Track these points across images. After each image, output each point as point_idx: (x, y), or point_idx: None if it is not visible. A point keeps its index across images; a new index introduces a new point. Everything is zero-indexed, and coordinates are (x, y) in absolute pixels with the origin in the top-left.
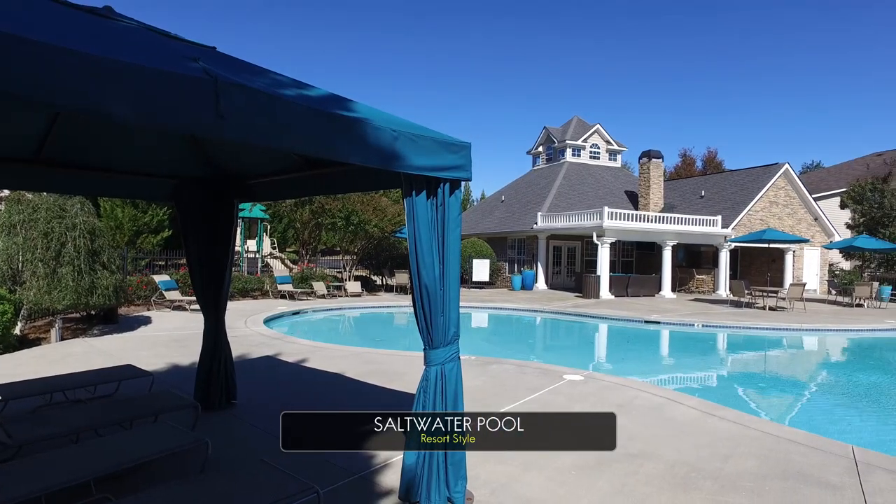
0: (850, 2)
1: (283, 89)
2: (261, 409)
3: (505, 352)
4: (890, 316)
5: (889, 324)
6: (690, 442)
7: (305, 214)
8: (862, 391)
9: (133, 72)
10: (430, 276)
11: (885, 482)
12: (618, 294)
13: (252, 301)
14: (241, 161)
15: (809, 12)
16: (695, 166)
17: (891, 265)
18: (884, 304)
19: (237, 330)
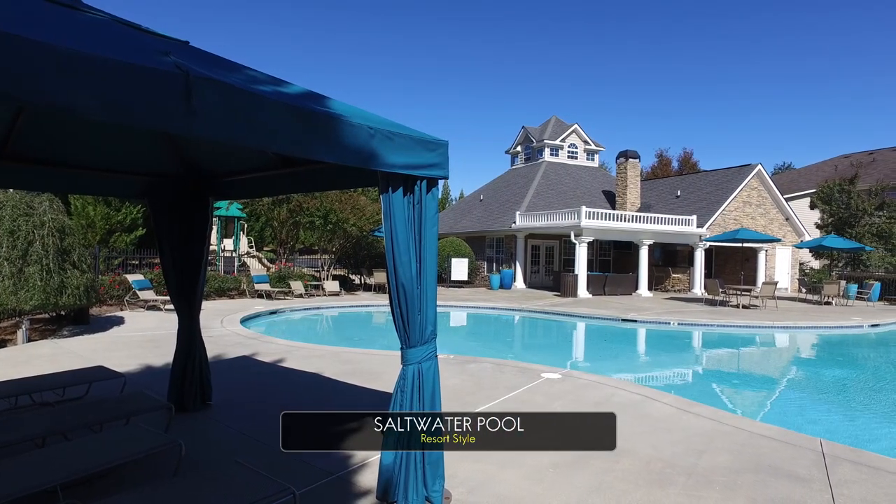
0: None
1: (258, 85)
2: (237, 409)
3: (483, 350)
4: (856, 313)
5: (855, 321)
6: (666, 438)
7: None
8: (830, 386)
9: (99, 65)
10: (407, 274)
11: (850, 474)
12: (595, 293)
13: (228, 301)
14: (216, 158)
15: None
16: (671, 167)
17: (857, 264)
18: (850, 301)
19: (213, 330)
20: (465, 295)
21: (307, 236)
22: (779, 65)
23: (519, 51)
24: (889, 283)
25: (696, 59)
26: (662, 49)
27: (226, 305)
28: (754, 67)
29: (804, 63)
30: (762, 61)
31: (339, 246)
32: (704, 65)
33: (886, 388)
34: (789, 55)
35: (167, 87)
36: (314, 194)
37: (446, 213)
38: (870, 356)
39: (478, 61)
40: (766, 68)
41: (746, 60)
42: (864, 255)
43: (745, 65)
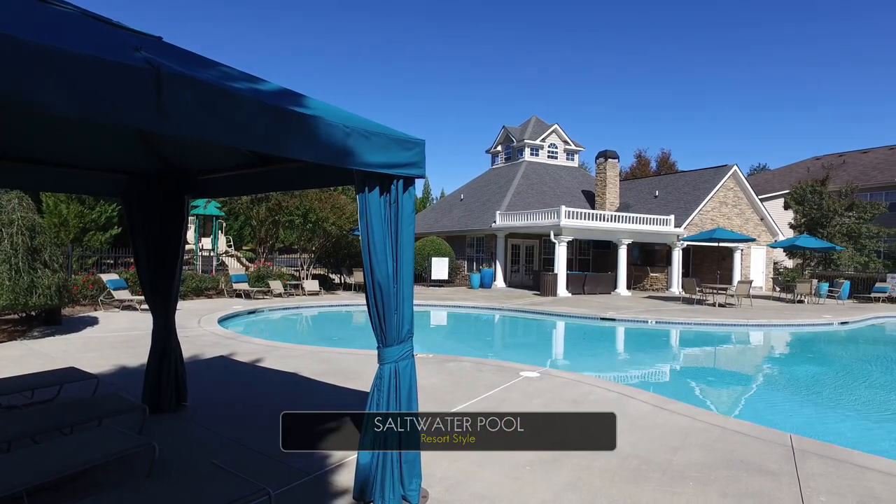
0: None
1: (232, 83)
2: (213, 410)
3: (463, 349)
4: (827, 311)
5: (826, 318)
6: (643, 435)
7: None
8: (801, 382)
9: (66, 59)
10: (384, 273)
11: (818, 467)
12: (575, 292)
13: (206, 300)
14: (191, 156)
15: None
16: (649, 167)
17: (828, 263)
18: (822, 299)
19: (190, 330)
20: (445, 294)
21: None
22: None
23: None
24: (858, 281)
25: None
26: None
27: (203, 305)
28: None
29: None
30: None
31: (319, 245)
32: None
33: (854, 384)
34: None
35: (137, 83)
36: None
37: (427, 213)
38: (839, 353)
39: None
40: (742, 71)
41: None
42: (835, 255)
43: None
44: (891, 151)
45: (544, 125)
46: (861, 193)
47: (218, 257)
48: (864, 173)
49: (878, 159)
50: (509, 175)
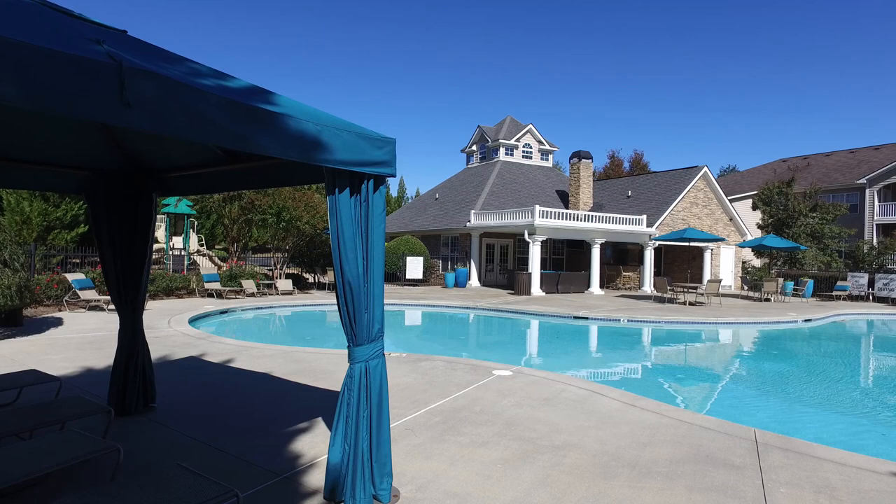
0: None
1: (200, 79)
2: (182, 411)
3: (437, 349)
4: (792, 309)
5: (790, 316)
6: (612, 432)
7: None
8: (767, 378)
9: (20, 49)
10: (354, 272)
11: (779, 460)
12: (549, 291)
13: (177, 300)
14: (159, 153)
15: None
16: (622, 167)
17: (793, 262)
18: (787, 298)
19: (159, 330)
20: (419, 293)
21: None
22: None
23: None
24: (821, 280)
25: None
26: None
27: (174, 305)
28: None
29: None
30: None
31: (293, 244)
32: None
33: (817, 379)
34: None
35: (97, 76)
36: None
37: (402, 212)
38: (803, 349)
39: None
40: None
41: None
42: (800, 254)
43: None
44: (851, 155)
45: (519, 125)
46: (824, 195)
47: (189, 256)
48: (826, 175)
49: (840, 162)
50: (484, 174)
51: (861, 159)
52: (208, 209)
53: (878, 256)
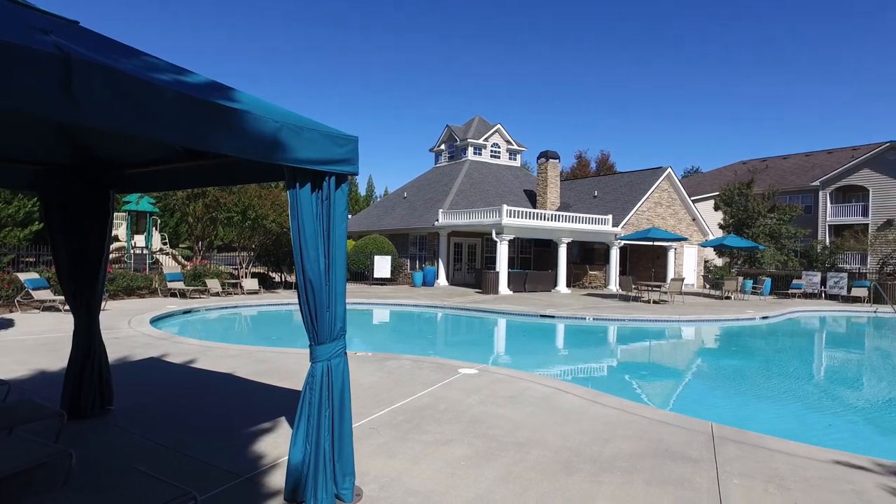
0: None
1: (155, 73)
2: (140, 413)
3: (403, 348)
4: (750, 307)
5: (749, 314)
6: (575, 428)
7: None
8: (725, 373)
9: None
10: (315, 270)
11: (734, 452)
12: (516, 290)
13: (138, 300)
14: (116, 148)
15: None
16: (589, 168)
17: (753, 262)
18: (746, 296)
19: (119, 331)
20: (387, 292)
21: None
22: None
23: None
24: (778, 278)
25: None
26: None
27: (135, 305)
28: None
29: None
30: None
31: (259, 243)
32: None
33: (773, 374)
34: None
35: (43, 68)
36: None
37: (370, 210)
38: (760, 345)
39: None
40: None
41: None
42: (759, 254)
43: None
44: (806, 158)
45: (487, 125)
46: (781, 196)
47: (152, 255)
48: (783, 177)
49: (796, 165)
50: (453, 174)
51: (815, 162)
52: (172, 207)
53: (829, 256)
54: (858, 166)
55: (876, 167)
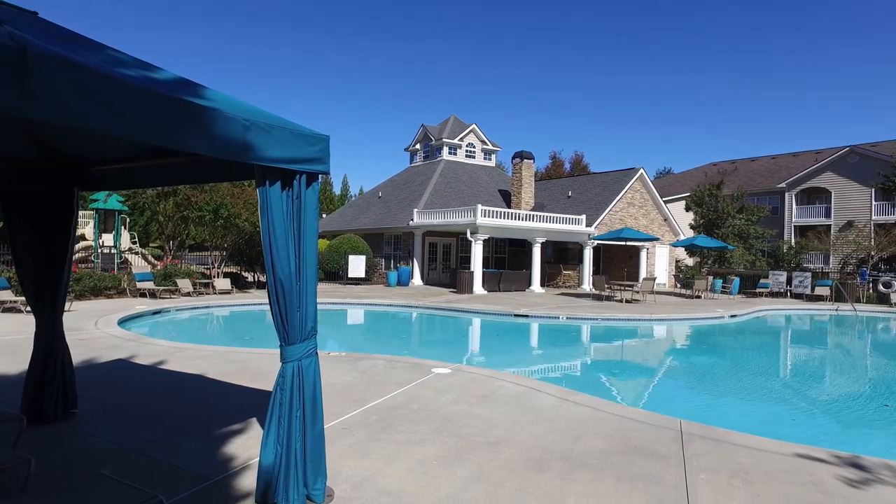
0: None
1: (121, 68)
2: (106, 416)
3: (377, 348)
4: (720, 305)
5: (718, 312)
6: (547, 427)
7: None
8: (695, 371)
9: None
10: (285, 270)
11: (701, 448)
12: (490, 289)
13: (106, 300)
14: (80, 145)
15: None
16: (563, 168)
17: (722, 261)
18: (716, 295)
19: (85, 332)
20: (361, 292)
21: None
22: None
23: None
24: (746, 278)
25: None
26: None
27: (102, 305)
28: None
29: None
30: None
31: (232, 242)
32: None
33: (740, 371)
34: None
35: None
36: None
37: (345, 210)
38: (728, 343)
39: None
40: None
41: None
42: (728, 254)
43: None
44: (773, 161)
45: (463, 125)
46: (749, 197)
47: (121, 254)
48: (752, 179)
49: (764, 167)
50: (427, 173)
51: (781, 165)
52: (141, 205)
53: (795, 256)
54: (821, 169)
55: (837, 170)
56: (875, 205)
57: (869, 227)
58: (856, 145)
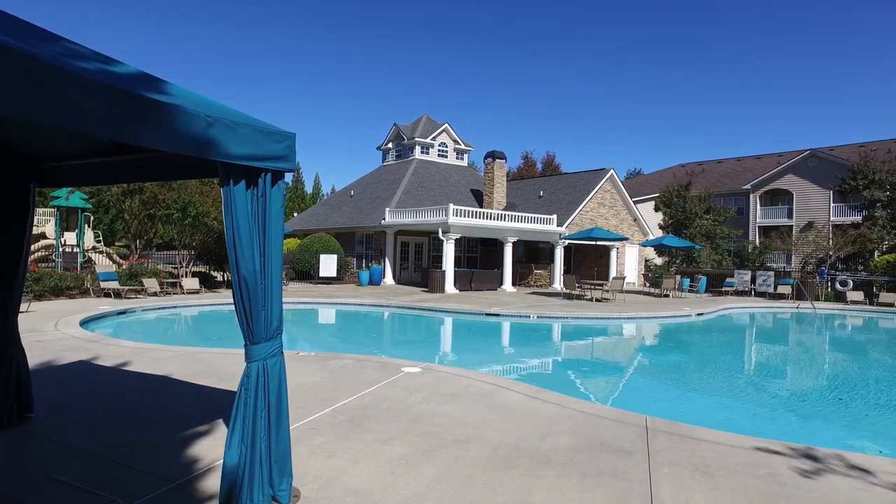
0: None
1: (77, 61)
2: (64, 420)
3: (347, 347)
4: (687, 304)
5: (685, 311)
6: (515, 424)
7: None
8: (662, 368)
9: None
10: (250, 268)
11: (665, 443)
12: (462, 288)
13: (68, 301)
14: (36, 138)
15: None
16: (535, 168)
17: (690, 261)
18: (684, 293)
19: (43, 334)
20: (332, 291)
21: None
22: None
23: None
24: (713, 277)
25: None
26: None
27: (64, 306)
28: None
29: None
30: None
31: (200, 241)
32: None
33: (706, 367)
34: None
35: None
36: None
37: (316, 209)
38: (695, 341)
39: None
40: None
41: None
42: (696, 253)
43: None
44: (738, 163)
45: (435, 124)
46: (716, 198)
47: (84, 253)
48: (718, 180)
49: (730, 169)
50: (400, 172)
51: (746, 167)
52: (106, 203)
53: (759, 255)
54: (783, 172)
55: (798, 173)
56: (833, 206)
57: (827, 227)
58: (816, 149)
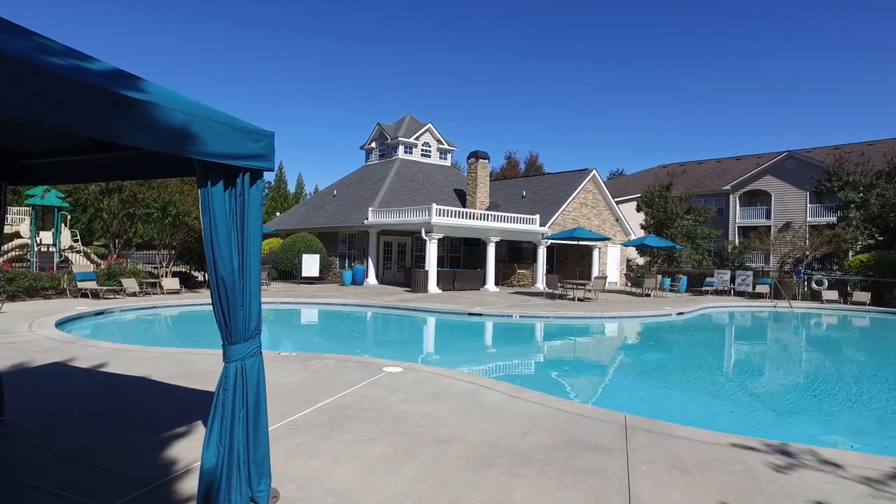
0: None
1: (50, 57)
2: (38, 424)
3: (330, 347)
4: (668, 304)
5: (666, 310)
6: (495, 423)
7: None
8: (643, 366)
9: None
10: (228, 268)
11: (643, 440)
12: (445, 288)
13: (43, 301)
14: (7, 136)
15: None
16: (518, 168)
17: (672, 261)
18: (665, 293)
19: (16, 335)
20: (315, 291)
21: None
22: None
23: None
24: (694, 276)
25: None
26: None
27: (39, 307)
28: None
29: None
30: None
31: (181, 240)
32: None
33: (686, 366)
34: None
35: None
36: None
37: (299, 208)
38: (676, 340)
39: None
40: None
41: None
42: (677, 253)
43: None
44: (718, 164)
45: (419, 124)
46: (697, 199)
47: (61, 253)
48: (699, 181)
49: (710, 170)
50: (383, 172)
51: (726, 168)
52: (84, 202)
53: (739, 255)
54: (762, 173)
55: (776, 174)
56: (810, 207)
57: (804, 228)
58: (793, 151)
